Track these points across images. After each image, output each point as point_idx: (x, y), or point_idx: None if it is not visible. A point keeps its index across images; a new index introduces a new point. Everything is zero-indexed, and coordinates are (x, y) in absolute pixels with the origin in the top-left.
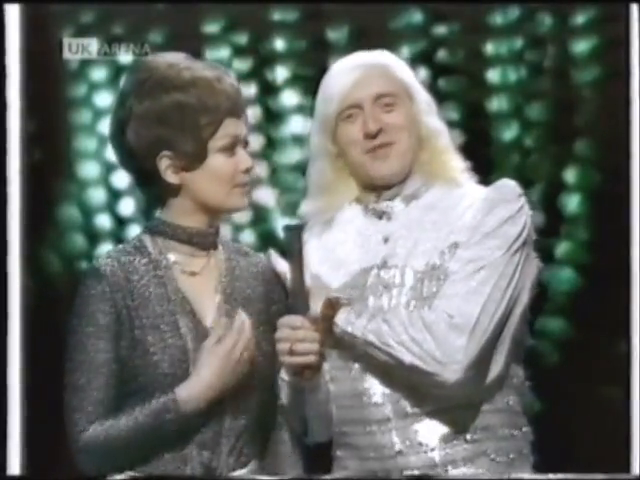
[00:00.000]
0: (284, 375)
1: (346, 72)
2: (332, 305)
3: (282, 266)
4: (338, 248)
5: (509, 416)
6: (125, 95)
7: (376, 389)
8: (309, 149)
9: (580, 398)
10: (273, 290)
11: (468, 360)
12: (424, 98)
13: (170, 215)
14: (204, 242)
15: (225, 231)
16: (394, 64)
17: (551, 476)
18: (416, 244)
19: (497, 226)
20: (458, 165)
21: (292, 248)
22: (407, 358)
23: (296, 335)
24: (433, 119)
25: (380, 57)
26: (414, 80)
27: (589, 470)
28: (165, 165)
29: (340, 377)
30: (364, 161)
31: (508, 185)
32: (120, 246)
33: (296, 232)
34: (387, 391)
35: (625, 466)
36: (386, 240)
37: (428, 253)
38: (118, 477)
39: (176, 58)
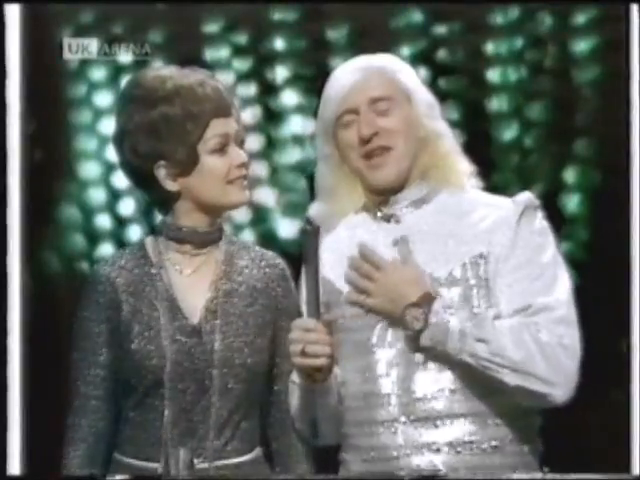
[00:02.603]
0: (295, 377)
1: (344, 76)
2: None
3: None
4: (348, 252)
5: (519, 429)
6: (119, 111)
7: (386, 391)
8: (316, 152)
9: (580, 398)
10: (275, 286)
11: (576, 378)
12: (425, 101)
13: (173, 217)
14: (203, 240)
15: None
16: (394, 66)
17: (550, 476)
18: (434, 251)
19: (553, 253)
20: (464, 169)
21: (307, 250)
22: (513, 380)
23: (308, 337)
24: (434, 122)
25: (380, 60)
26: (415, 82)
27: (589, 470)
28: (163, 174)
29: (351, 380)
30: (361, 167)
31: (532, 199)
32: (123, 249)
33: (312, 234)
34: (396, 394)
35: (625, 466)
36: (395, 243)
37: (449, 263)
38: (118, 477)
39: (161, 70)
